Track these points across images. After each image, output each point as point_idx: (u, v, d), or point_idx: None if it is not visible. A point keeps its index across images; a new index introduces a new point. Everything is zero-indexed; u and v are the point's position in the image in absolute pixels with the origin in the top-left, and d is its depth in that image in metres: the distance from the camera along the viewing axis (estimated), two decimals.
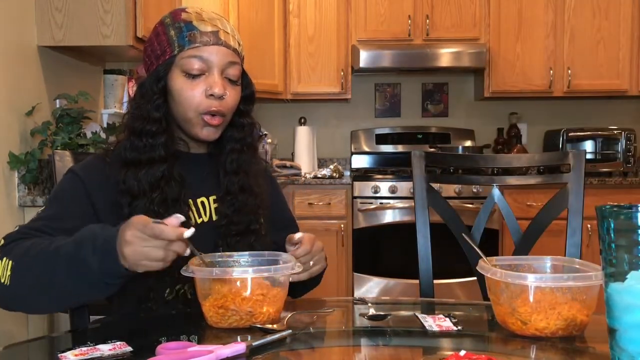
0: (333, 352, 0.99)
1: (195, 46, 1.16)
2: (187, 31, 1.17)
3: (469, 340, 1.00)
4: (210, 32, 1.18)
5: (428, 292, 1.54)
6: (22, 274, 1.00)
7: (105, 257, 0.94)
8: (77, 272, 0.96)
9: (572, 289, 0.97)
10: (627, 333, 0.70)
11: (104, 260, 0.94)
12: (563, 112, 4.07)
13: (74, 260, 0.96)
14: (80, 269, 0.96)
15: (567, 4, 3.68)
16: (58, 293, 1.00)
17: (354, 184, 3.43)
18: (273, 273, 1.03)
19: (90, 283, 0.97)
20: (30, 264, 1.00)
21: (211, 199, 1.25)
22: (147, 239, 0.91)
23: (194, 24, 1.18)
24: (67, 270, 0.97)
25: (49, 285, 0.99)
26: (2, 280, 1.01)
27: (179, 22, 1.19)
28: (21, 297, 1.02)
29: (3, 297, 1.03)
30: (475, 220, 1.58)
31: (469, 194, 3.37)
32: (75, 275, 0.97)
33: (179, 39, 1.17)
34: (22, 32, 2.24)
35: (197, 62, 1.16)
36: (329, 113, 4.16)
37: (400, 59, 3.67)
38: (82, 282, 0.97)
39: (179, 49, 1.17)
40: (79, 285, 0.98)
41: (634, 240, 0.68)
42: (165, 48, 1.18)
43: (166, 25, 1.20)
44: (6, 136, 2.15)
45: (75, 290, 0.99)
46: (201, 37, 1.17)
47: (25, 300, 1.03)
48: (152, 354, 0.86)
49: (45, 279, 0.98)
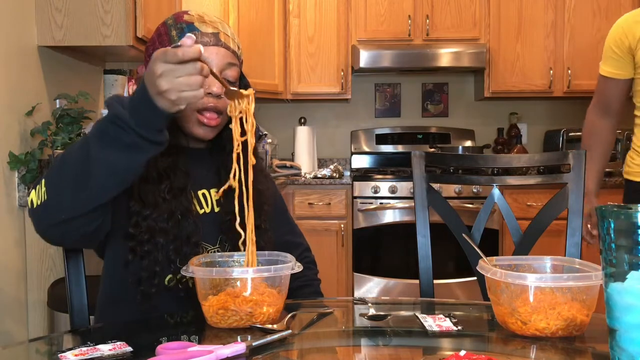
0: (333, 352, 0.99)
1: None
2: (188, 31, 1.19)
3: (469, 340, 1.00)
4: (211, 34, 1.21)
5: (428, 292, 1.54)
6: (56, 179, 0.99)
7: (139, 107, 0.93)
8: (112, 138, 0.94)
9: (572, 289, 0.97)
10: (627, 333, 0.70)
11: (138, 110, 0.93)
12: (563, 112, 4.07)
13: (106, 129, 0.94)
14: (114, 133, 0.93)
15: (567, 4, 3.68)
16: (98, 177, 0.96)
17: (354, 184, 3.43)
18: (273, 273, 1.03)
19: (128, 145, 0.94)
20: (61, 166, 0.99)
21: (212, 191, 1.28)
22: (177, 68, 0.90)
23: (195, 25, 1.22)
24: (100, 142, 0.94)
25: (86, 171, 0.96)
26: (39, 201, 1.00)
27: (181, 23, 1.22)
28: (60, 206, 1.00)
29: (46, 215, 1.02)
30: (475, 220, 1.58)
31: (469, 194, 3.37)
32: (111, 142, 0.94)
33: (180, 39, 1.17)
34: (22, 32, 2.24)
35: None
36: (329, 113, 4.16)
37: (400, 59, 3.67)
38: (119, 148, 0.94)
39: None
40: (117, 152, 0.94)
41: (634, 240, 0.68)
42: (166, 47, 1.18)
43: (168, 26, 1.24)
44: (6, 136, 2.14)
45: (114, 162, 0.95)
46: (202, 38, 1.20)
47: (64, 206, 1.00)
48: (152, 354, 0.86)
49: (80, 167, 0.96)
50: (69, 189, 0.99)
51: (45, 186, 1.00)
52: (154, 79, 0.91)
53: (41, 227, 1.05)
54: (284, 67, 3.76)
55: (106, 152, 0.95)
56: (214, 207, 1.28)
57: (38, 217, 1.04)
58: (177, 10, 2.75)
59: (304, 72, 3.77)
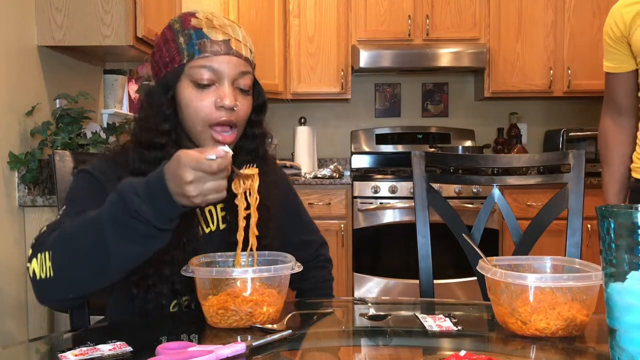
0: (333, 352, 0.99)
1: (205, 56, 1.12)
2: (197, 39, 1.13)
3: (469, 340, 1.00)
4: (221, 41, 1.13)
5: (428, 292, 1.54)
6: (64, 259, 0.96)
7: (158, 202, 0.91)
8: (130, 230, 0.92)
9: (572, 289, 0.97)
10: (627, 333, 0.70)
11: (156, 204, 0.91)
12: (563, 112, 4.07)
13: (124, 222, 0.92)
14: (132, 225, 0.92)
15: (567, 4, 3.68)
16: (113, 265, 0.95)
17: (354, 184, 3.43)
18: (273, 273, 1.03)
19: (145, 236, 0.93)
20: (69, 244, 0.96)
21: (218, 207, 1.24)
22: (208, 177, 0.90)
23: (204, 31, 1.13)
24: (117, 234, 0.92)
25: (100, 258, 0.94)
26: (44, 276, 0.97)
27: (189, 29, 1.14)
28: (67, 285, 0.98)
29: (50, 291, 0.99)
30: (475, 220, 1.58)
31: (469, 194, 3.37)
32: (129, 235, 0.92)
33: (188, 47, 1.13)
34: (22, 32, 2.24)
35: (207, 73, 1.12)
36: (329, 113, 4.16)
37: (400, 59, 3.67)
38: (137, 240, 0.93)
39: (188, 57, 1.13)
40: (134, 244, 0.93)
41: (634, 240, 0.68)
42: (174, 55, 1.14)
43: (175, 31, 1.16)
44: (6, 136, 2.14)
45: (130, 251, 0.94)
46: (211, 46, 1.13)
47: (72, 286, 0.98)
48: (152, 354, 0.86)
49: (95, 253, 0.94)
50: (81, 272, 0.96)
51: (51, 261, 0.96)
52: (182, 184, 0.89)
53: (45, 300, 1.03)
54: (284, 67, 3.76)
55: (123, 244, 0.93)
56: (220, 224, 1.23)
57: (43, 292, 1.00)
58: (177, 10, 2.75)
59: (304, 72, 3.77)
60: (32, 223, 2.21)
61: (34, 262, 0.98)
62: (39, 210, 2.20)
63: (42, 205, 2.19)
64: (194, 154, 0.90)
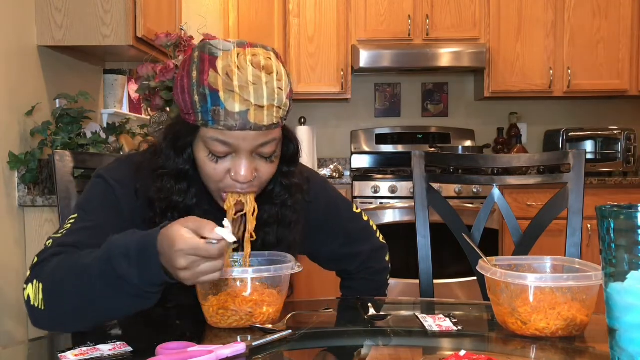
0: (333, 352, 0.99)
1: (219, 129, 0.99)
2: (211, 105, 0.98)
3: (469, 340, 1.00)
4: (237, 113, 0.98)
5: (428, 292, 1.54)
6: (55, 298, 0.96)
7: (150, 272, 0.89)
8: (114, 286, 0.91)
9: (572, 289, 0.97)
10: (627, 333, 0.70)
11: (148, 273, 0.89)
12: (563, 112, 4.08)
13: (114, 281, 0.90)
14: (116, 283, 0.90)
15: (567, 4, 3.68)
16: (100, 314, 0.96)
17: (354, 184, 3.43)
18: (273, 273, 1.03)
19: (134, 296, 0.92)
20: (60, 286, 0.95)
21: None
22: (202, 260, 0.85)
23: (219, 95, 0.98)
24: (101, 284, 0.91)
25: (86, 305, 0.94)
26: (37, 305, 0.96)
27: (204, 87, 0.98)
28: (60, 321, 0.98)
29: (42, 321, 0.99)
30: (475, 220, 1.58)
31: (469, 194, 3.37)
32: (117, 293, 0.91)
33: (203, 112, 1.00)
34: (22, 32, 2.24)
35: (221, 146, 1.01)
36: (329, 113, 4.16)
37: (400, 59, 3.67)
38: (125, 298, 0.92)
39: (202, 123, 1.01)
40: (122, 300, 0.92)
41: (634, 240, 0.68)
42: (189, 110, 1.02)
43: (192, 82, 1.00)
44: (6, 136, 2.14)
45: (118, 306, 0.93)
46: (225, 119, 0.98)
47: (64, 323, 0.99)
48: (152, 354, 0.86)
49: (81, 300, 0.94)
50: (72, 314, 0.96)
51: (43, 294, 0.96)
52: (174, 269, 0.86)
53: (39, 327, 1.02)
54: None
55: (112, 300, 0.93)
56: None
57: (36, 320, 1.00)
58: (177, 10, 2.75)
59: (304, 72, 3.77)
60: (32, 223, 2.21)
61: (29, 288, 0.98)
62: (39, 210, 2.20)
63: (42, 205, 2.19)
64: (190, 238, 0.84)
